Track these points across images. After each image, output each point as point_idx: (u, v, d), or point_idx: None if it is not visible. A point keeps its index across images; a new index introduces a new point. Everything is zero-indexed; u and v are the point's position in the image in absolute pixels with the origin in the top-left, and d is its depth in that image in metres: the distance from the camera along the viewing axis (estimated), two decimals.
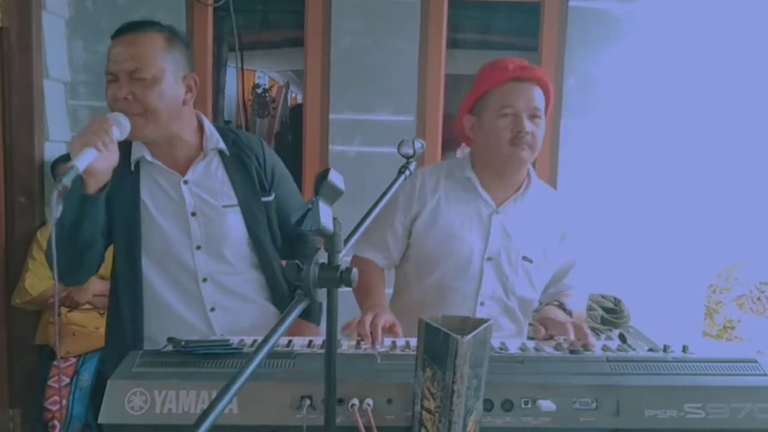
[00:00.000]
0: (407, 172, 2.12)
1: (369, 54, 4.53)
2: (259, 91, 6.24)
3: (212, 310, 2.55)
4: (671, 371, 1.84)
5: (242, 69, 4.86)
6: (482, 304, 2.62)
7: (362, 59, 4.53)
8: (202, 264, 2.52)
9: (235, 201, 2.54)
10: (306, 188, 4.59)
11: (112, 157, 2.18)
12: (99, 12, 4.47)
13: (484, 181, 2.65)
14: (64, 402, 3.88)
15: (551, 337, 2.25)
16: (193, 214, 2.50)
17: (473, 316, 2.52)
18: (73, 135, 4.50)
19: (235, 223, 2.55)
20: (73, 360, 3.95)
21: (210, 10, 4.49)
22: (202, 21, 4.47)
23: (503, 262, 2.61)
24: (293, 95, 6.46)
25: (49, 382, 3.93)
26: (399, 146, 2.19)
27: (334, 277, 1.37)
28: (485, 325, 1.60)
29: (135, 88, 2.29)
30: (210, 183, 2.53)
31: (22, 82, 4.12)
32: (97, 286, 4.00)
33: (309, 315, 2.72)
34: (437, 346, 1.56)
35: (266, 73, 6.27)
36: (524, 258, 2.61)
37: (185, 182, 2.50)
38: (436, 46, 4.56)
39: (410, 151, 2.15)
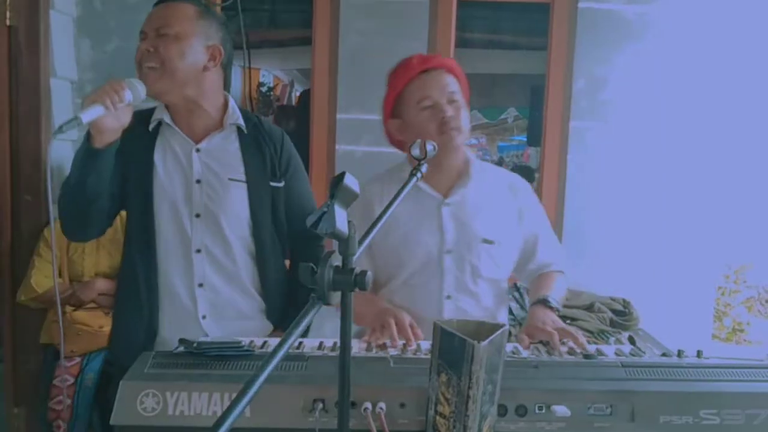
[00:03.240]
0: (418, 174, 2.12)
1: (377, 53, 4.50)
2: (264, 89, 6.25)
3: (200, 285, 2.59)
4: (686, 377, 1.83)
5: (249, 68, 4.84)
6: (449, 297, 2.62)
7: (370, 59, 4.51)
8: (199, 233, 2.57)
9: (243, 177, 2.60)
10: (312, 188, 4.58)
11: (122, 118, 2.30)
12: (107, 11, 4.47)
13: (425, 177, 2.65)
14: (69, 402, 3.87)
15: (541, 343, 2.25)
16: (198, 181, 2.56)
17: (441, 311, 2.58)
18: (78, 134, 4.50)
19: (238, 198, 2.60)
20: (78, 359, 3.94)
21: (218, 9, 4.47)
22: None
23: (463, 250, 2.61)
24: (297, 93, 6.47)
25: (54, 382, 3.91)
26: (410, 148, 2.19)
27: (348, 280, 1.36)
28: (501, 330, 1.59)
29: (158, 43, 2.42)
30: (221, 155, 2.60)
31: (30, 81, 4.12)
32: (101, 285, 3.98)
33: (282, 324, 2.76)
34: (453, 351, 1.55)
35: (270, 71, 6.28)
36: (484, 240, 2.61)
37: (197, 150, 2.57)
38: (444, 46, 4.54)
39: (420, 154, 2.15)
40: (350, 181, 1.39)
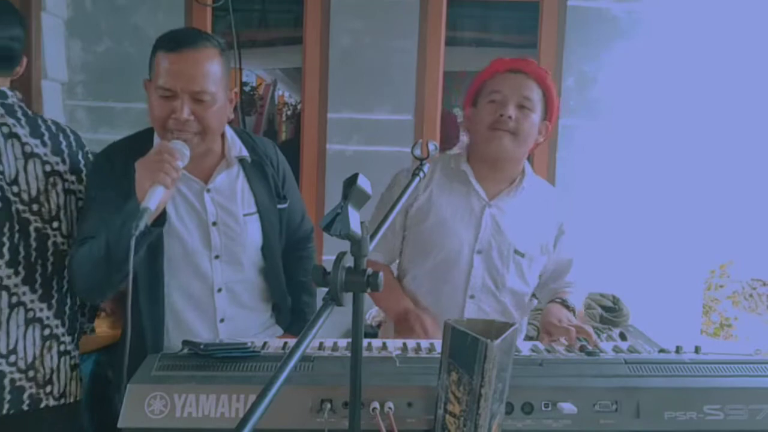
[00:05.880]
0: (421, 174, 2.13)
1: (368, 53, 4.52)
2: (247, 89, 6.24)
3: (221, 321, 2.53)
4: (689, 373, 1.84)
5: (241, 68, 4.84)
6: (472, 297, 2.63)
7: (361, 58, 4.51)
8: (219, 274, 2.49)
9: (254, 209, 2.53)
10: (303, 187, 4.58)
11: (173, 190, 2.17)
12: (98, 13, 4.44)
13: (478, 174, 2.66)
14: None
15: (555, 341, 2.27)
16: (214, 223, 2.46)
17: (462, 308, 2.59)
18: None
19: (253, 231, 2.54)
20: None
21: (209, 10, 4.46)
22: (200, 21, 4.43)
23: (494, 255, 2.62)
24: (280, 93, 6.46)
25: None
26: (413, 148, 2.20)
27: (360, 281, 1.38)
28: (512, 329, 1.60)
29: (196, 108, 2.26)
30: (231, 192, 2.50)
31: (22, 83, 4.02)
32: None
33: (290, 329, 2.77)
34: (464, 350, 1.55)
35: (253, 71, 6.27)
36: (516, 252, 2.62)
37: (208, 191, 2.46)
38: (435, 45, 4.55)
39: (422, 153, 2.16)
40: (363, 182, 1.40)
